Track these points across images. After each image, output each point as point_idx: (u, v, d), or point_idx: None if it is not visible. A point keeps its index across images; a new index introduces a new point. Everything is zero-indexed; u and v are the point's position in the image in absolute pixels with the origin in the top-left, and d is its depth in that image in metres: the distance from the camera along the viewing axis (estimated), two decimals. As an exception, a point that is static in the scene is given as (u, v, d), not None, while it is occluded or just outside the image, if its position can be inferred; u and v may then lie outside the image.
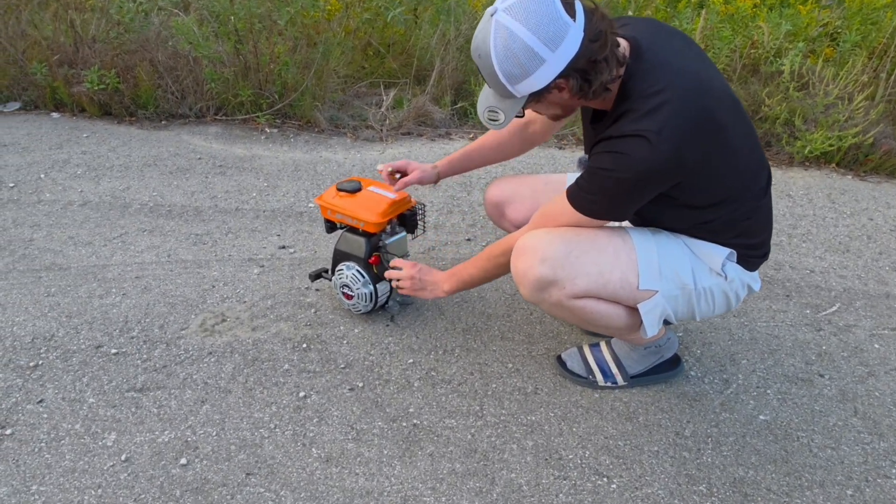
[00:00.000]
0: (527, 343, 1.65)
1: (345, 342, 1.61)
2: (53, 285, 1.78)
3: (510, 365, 1.57)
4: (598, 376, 1.51)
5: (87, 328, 1.61)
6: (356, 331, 1.66)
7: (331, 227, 1.71)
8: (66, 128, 2.93)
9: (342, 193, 1.64)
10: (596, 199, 1.20)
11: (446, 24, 3.39)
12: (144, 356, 1.53)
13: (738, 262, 1.27)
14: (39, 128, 2.91)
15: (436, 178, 1.62)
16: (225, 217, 2.22)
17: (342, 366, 1.53)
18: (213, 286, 1.82)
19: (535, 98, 1.12)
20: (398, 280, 1.54)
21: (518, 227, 1.65)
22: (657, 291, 1.25)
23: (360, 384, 1.48)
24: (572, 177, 1.72)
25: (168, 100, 3.08)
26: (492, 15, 1.04)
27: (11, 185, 2.34)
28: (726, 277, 1.26)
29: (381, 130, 3.12)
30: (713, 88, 1.13)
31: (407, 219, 1.68)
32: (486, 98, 1.18)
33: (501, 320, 1.74)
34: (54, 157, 2.60)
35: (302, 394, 1.44)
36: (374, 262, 1.61)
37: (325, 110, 3.21)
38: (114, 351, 1.54)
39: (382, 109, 3.23)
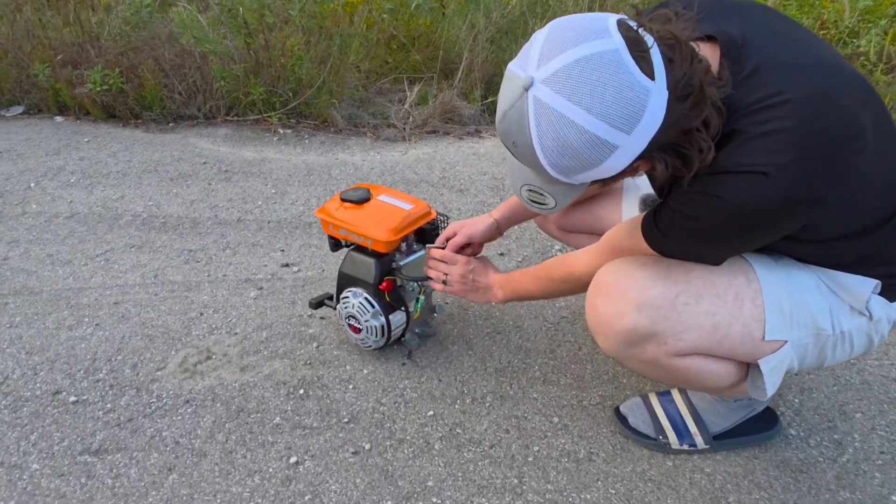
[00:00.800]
0: (576, 388, 1.32)
1: (350, 387, 1.32)
2: (19, 314, 1.54)
3: (556, 419, 1.25)
4: (671, 437, 1.17)
5: (48, 368, 1.36)
6: (365, 371, 1.36)
7: (335, 244, 1.42)
8: (67, 132, 2.73)
9: (347, 204, 1.34)
10: (688, 250, 0.91)
11: (475, 14, 3.07)
12: (108, 405, 1.26)
13: (880, 294, 0.92)
14: (40, 132, 2.72)
15: (496, 232, 1.35)
16: (224, 230, 1.95)
17: (345, 419, 1.23)
18: (202, 314, 1.54)
19: (603, 183, 0.80)
20: (446, 276, 1.27)
21: (580, 241, 1.33)
22: (785, 342, 0.91)
23: (367, 445, 1.18)
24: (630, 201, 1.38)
25: (175, 100, 2.85)
26: (526, 89, 0.70)
27: (-3, 195, 2.13)
28: (871, 316, 0.91)
29: (404, 129, 2.83)
30: (845, 83, 0.79)
31: (427, 234, 1.37)
32: (522, 173, 0.84)
33: (543, 357, 1.42)
34: (49, 164, 2.39)
35: (293, 459, 1.14)
36: (386, 289, 1.31)
37: (344, 108, 2.93)
38: (73, 399, 1.27)
39: (406, 106, 2.93)
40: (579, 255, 1.10)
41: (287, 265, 1.76)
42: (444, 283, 1.28)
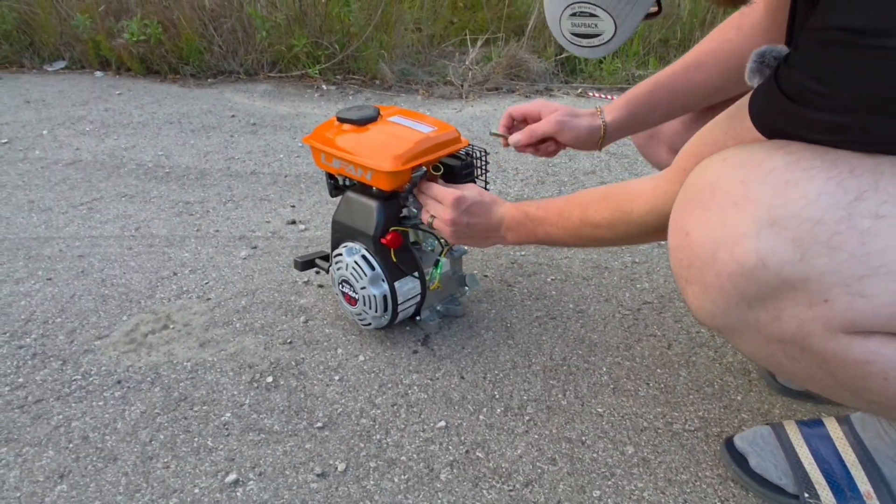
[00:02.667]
0: (663, 403, 0.89)
1: (336, 378, 0.94)
2: (-30, 262, 1.28)
3: (630, 449, 0.82)
4: (825, 495, 0.72)
5: (-29, 327, 1.08)
6: (360, 359, 0.98)
7: (335, 186, 1.05)
8: (103, 86, 2.54)
9: (345, 126, 0.97)
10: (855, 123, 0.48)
11: None
12: (20, 380, 0.95)
13: None
14: (75, 85, 2.54)
15: (598, 141, 0.91)
16: (233, 182, 1.64)
17: (319, 424, 0.86)
18: (176, 273, 1.23)
19: None
20: (432, 218, 0.91)
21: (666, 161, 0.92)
22: None
23: (341, 465, 0.80)
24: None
25: (214, 53, 2.60)
26: None
27: (4, 140, 1.93)
28: None
29: (462, 86, 2.43)
30: None
31: (456, 171, 0.96)
32: None
33: (615, 355, 0.99)
34: (70, 114, 2.18)
35: (232, 476, 0.78)
36: (392, 244, 0.93)
37: (396, 64, 2.57)
38: (-19, 367, 0.98)
39: (467, 62, 2.53)
40: (641, 182, 0.68)
41: (293, 222, 1.42)
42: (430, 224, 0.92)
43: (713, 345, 1.01)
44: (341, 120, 0.97)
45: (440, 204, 0.89)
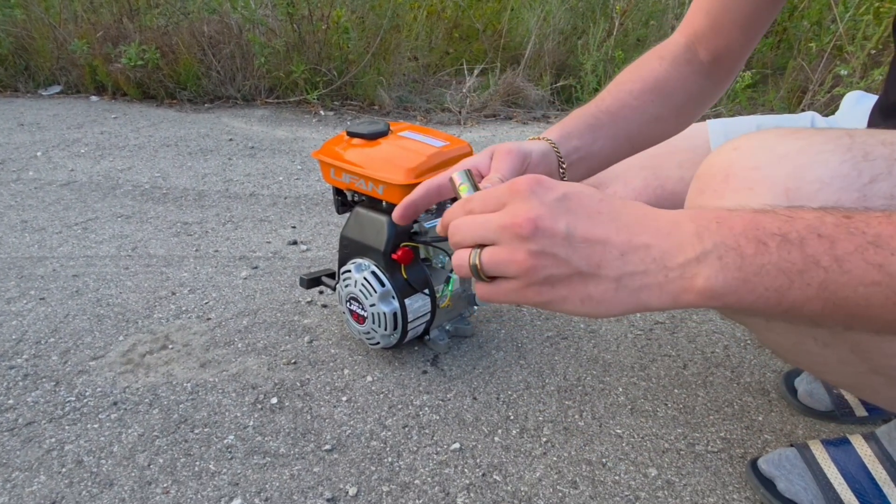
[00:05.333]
0: (683, 424, 0.86)
1: (344, 399, 0.91)
2: (-41, 282, 1.24)
3: (652, 471, 0.78)
4: (858, 519, 0.69)
5: (-41, 347, 1.03)
6: (368, 379, 0.95)
7: (342, 202, 1.03)
8: (98, 109, 2.53)
9: (355, 140, 0.96)
10: None
11: (546, 4, 2.68)
12: (10, 401, 0.90)
13: None
14: (70, 109, 2.53)
15: (554, 161, 0.65)
16: (232, 203, 1.62)
17: (327, 446, 0.82)
18: (174, 293, 1.19)
19: None
20: (476, 257, 0.44)
21: None
22: None
23: (352, 490, 0.76)
24: (717, 126, 0.97)
25: (212, 78, 2.61)
26: None
27: (-3, 162, 1.90)
28: None
29: (460, 112, 2.45)
30: None
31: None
32: None
33: (630, 375, 0.96)
34: (65, 136, 2.16)
35: (237, 502, 0.74)
36: (403, 260, 0.90)
37: (394, 90, 2.59)
38: (-31, 388, 0.93)
39: (464, 89, 2.56)
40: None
41: (295, 243, 1.40)
42: (479, 268, 0.43)
43: (729, 364, 0.99)
44: (351, 134, 0.96)
45: (491, 215, 0.43)
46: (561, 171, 0.66)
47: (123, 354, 1.01)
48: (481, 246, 0.43)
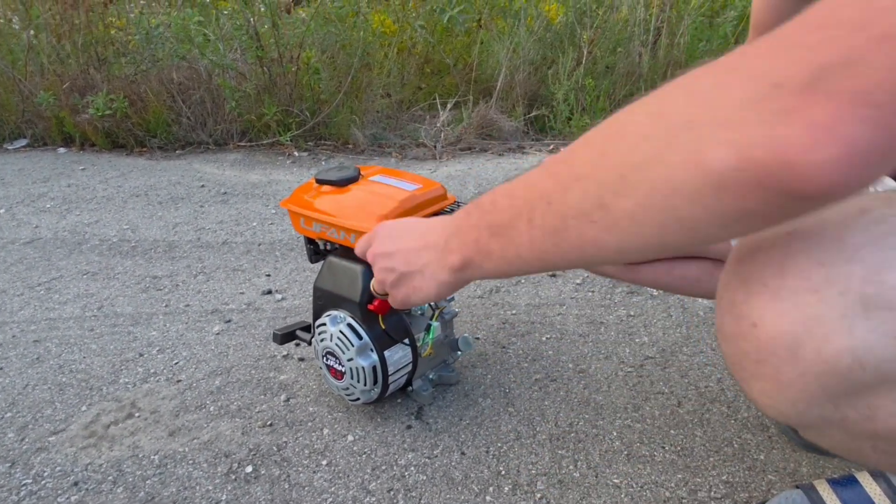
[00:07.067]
0: (683, 469, 0.82)
1: (324, 463, 0.85)
2: (-90, 355, 1.16)
3: (656, 524, 0.74)
4: (875, 566, 0.65)
5: None
6: (349, 439, 0.90)
7: (314, 251, 0.99)
8: (65, 162, 2.47)
9: (325, 188, 0.92)
10: None
11: (515, 36, 2.70)
12: (-40, 488, 0.83)
13: None
14: (37, 163, 2.47)
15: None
16: (204, 253, 1.57)
17: (307, 519, 0.76)
18: (143, 354, 1.13)
19: None
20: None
21: (660, 276, 0.83)
22: None
23: (335, 568, 0.70)
24: None
25: (182, 125, 2.58)
26: None
27: (-43, 222, 1.83)
28: None
29: (435, 147, 2.44)
30: None
31: (442, 231, 0.92)
32: None
33: (624, 417, 0.92)
34: (31, 191, 2.10)
35: (208, 590, 0.68)
36: (380, 310, 0.86)
37: (367, 128, 2.58)
38: (-85, 476, 0.86)
39: (438, 124, 2.55)
40: None
41: (270, 292, 1.35)
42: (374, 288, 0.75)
43: (725, 399, 0.95)
44: (320, 181, 0.93)
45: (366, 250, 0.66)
46: None
47: (86, 427, 0.94)
48: None
